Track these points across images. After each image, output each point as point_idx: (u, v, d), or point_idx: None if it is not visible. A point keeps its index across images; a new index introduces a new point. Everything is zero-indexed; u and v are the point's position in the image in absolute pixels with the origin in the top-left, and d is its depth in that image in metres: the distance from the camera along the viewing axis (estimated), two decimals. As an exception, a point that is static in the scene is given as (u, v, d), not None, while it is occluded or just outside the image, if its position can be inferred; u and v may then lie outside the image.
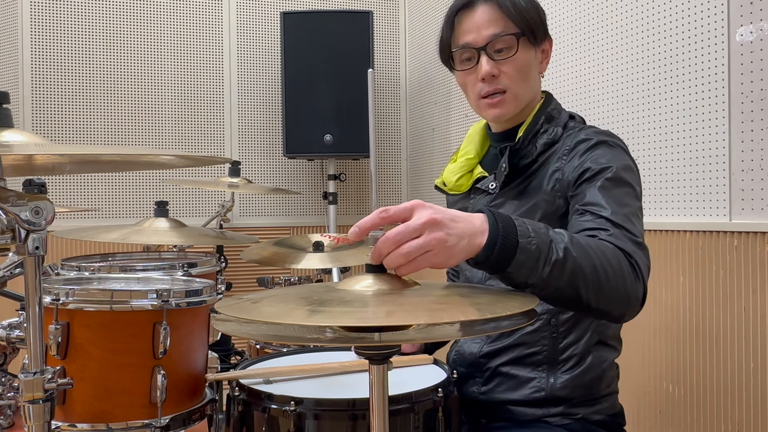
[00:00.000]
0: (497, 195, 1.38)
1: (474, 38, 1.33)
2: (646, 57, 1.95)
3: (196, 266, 2.03)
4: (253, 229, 3.34)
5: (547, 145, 1.33)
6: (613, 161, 1.23)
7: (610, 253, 1.04)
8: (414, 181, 3.69)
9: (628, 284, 1.05)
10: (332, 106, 3.23)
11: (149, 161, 1.39)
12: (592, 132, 1.30)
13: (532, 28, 1.33)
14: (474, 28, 1.33)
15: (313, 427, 1.16)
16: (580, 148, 1.27)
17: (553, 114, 1.37)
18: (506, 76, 1.33)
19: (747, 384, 1.65)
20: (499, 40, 1.31)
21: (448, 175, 1.50)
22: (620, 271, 1.04)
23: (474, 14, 1.34)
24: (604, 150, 1.25)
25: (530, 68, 1.35)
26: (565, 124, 1.36)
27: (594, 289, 1.01)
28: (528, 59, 1.34)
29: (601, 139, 1.27)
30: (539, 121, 1.35)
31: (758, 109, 1.62)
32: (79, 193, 3.21)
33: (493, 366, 1.35)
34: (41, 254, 0.95)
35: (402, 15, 3.72)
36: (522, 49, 1.32)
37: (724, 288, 1.71)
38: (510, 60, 1.32)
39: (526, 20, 1.32)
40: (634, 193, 1.23)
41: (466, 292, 1.12)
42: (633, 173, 1.26)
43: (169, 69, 3.35)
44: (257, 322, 0.88)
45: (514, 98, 1.34)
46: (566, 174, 1.27)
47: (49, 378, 0.97)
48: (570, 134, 1.34)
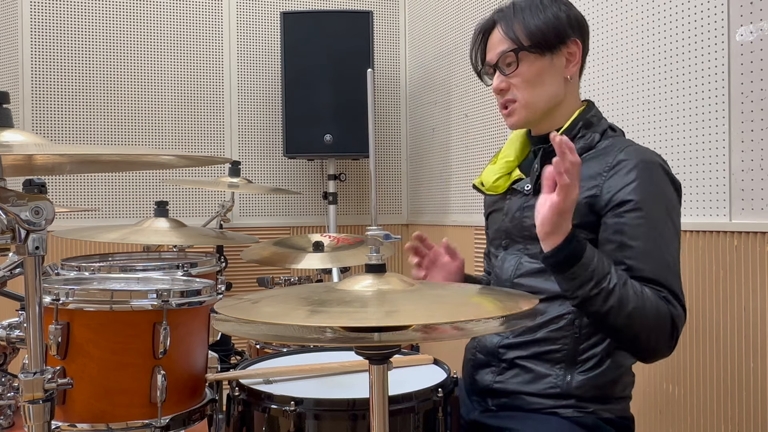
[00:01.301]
0: (531, 196, 1.40)
1: (490, 57, 1.44)
2: (646, 57, 1.95)
3: (196, 266, 2.03)
4: (253, 229, 3.34)
5: (583, 150, 1.36)
6: (655, 193, 1.28)
7: (657, 314, 1.21)
8: (414, 181, 3.69)
9: (661, 344, 1.24)
10: (332, 106, 3.23)
11: (149, 161, 1.39)
12: (635, 152, 1.32)
13: (537, 39, 1.38)
14: (491, 48, 1.45)
15: (313, 427, 1.16)
16: (622, 169, 1.30)
17: (591, 120, 1.41)
18: (515, 88, 1.41)
19: (747, 384, 1.65)
20: (505, 56, 1.40)
21: (487, 175, 1.54)
22: (656, 332, 1.22)
23: (493, 35, 1.45)
24: (646, 176, 1.28)
25: (540, 76, 1.40)
26: (603, 131, 1.40)
27: (625, 328, 1.21)
28: (535, 69, 1.39)
29: (645, 163, 1.30)
30: (576, 126, 1.39)
31: (758, 109, 1.62)
32: (79, 193, 3.21)
33: (511, 357, 1.37)
34: (41, 254, 0.95)
35: (402, 15, 3.72)
36: (525, 61, 1.39)
37: (724, 288, 1.71)
38: (515, 74, 1.40)
39: (529, 34, 1.38)
40: (674, 229, 1.30)
41: (465, 292, 1.12)
42: (674, 204, 1.31)
43: (169, 69, 3.35)
44: (257, 322, 0.88)
45: (524, 106, 1.41)
46: (603, 192, 1.30)
47: (49, 378, 0.97)
48: (609, 144, 1.37)
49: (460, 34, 3.09)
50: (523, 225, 1.40)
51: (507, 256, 1.45)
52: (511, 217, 1.45)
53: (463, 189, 3.09)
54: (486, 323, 0.96)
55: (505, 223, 1.47)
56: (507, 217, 1.47)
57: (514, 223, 1.44)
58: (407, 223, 3.73)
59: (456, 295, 1.06)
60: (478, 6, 2.92)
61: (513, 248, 1.44)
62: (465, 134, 3.04)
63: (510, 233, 1.45)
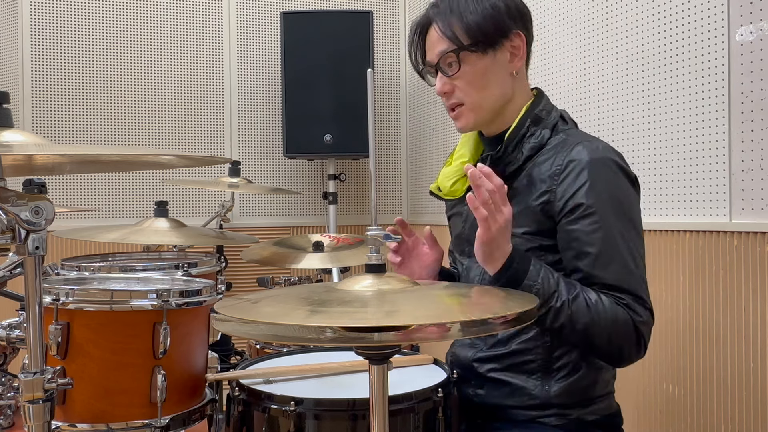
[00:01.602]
0: None
1: (430, 57, 1.36)
2: (646, 57, 1.95)
3: (196, 266, 2.03)
4: (253, 229, 3.34)
5: (533, 149, 1.31)
6: (611, 194, 1.23)
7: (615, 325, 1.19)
8: (414, 181, 3.69)
9: (626, 353, 1.22)
10: (332, 106, 3.23)
11: (149, 161, 1.39)
12: (585, 150, 1.26)
13: (477, 37, 1.30)
14: (430, 47, 1.36)
15: (313, 427, 1.16)
16: (573, 170, 1.25)
17: (540, 116, 1.34)
18: (459, 90, 1.33)
19: (747, 384, 1.65)
20: (445, 56, 1.32)
21: (443, 179, 1.47)
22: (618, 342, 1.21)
23: (430, 33, 1.36)
24: (599, 176, 1.24)
25: (486, 76, 1.32)
26: (554, 126, 1.33)
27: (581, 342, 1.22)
28: (479, 69, 1.32)
29: (595, 161, 1.24)
30: (525, 124, 1.32)
31: (758, 109, 1.62)
32: (79, 193, 3.21)
33: (485, 371, 1.34)
34: (41, 254, 0.95)
35: (402, 15, 3.72)
36: (466, 61, 1.31)
37: (724, 288, 1.71)
38: (458, 75, 1.32)
39: (468, 32, 1.30)
40: (633, 228, 1.25)
41: (466, 292, 1.12)
42: (630, 201, 1.27)
43: (169, 69, 3.34)
44: (257, 322, 0.88)
45: (471, 109, 1.34)
46: (557, 197, 1.25)
47: (49, 378, 0.97)
48: (559, 139, 1.31)
49: (460, 34, 3.08)
50: None
51: (471, 264, 1.40)
52: (471, 223, 1.39)
53: (463, 189, 3.09)
54: (489, 324, 0.96)
55: (465, 229, 1.43)
56: (467, 224, 1.43)
57: (473, 230, 1.35)
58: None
59: (456, 295, 1.06)
60: (478, 6, 2.92)
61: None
62: (465, 134, 3.04)
63: (471, 240, 1.36)
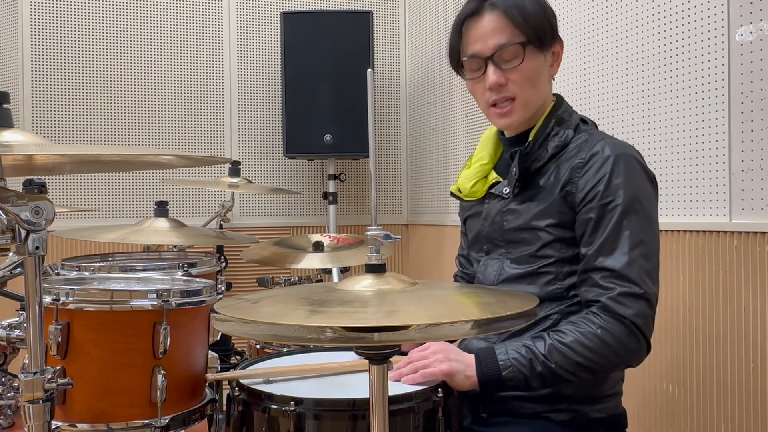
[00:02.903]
0: (511, 199, 1.39)
1: (481, 48, 1.33)
2: (646, 57, 1.95)
3: (196, 266, 2.03)
4: (253, 229, 3.34)
5: (558, 148, 1.34)
6: (629, 186, 1.26)
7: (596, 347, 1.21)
8: (414, 181, 3.69)
9: (623, 357, 1.23)
10: (332, 106, 3.23)
11: (149, 161, 1.39)
12: (607, 145, 1.30)
13: (540, 34, 1.33)
14: (481, 37, 1.33)
15: (313, 427, 1.16)
16: (595, 163, 1.28)
17: (563, 117, 1.37)
18: (514, 84, 1.33)
19: (747, 384, 1.65)
20: (506, 50, 1.32)
21: (463, 181, 1.50)
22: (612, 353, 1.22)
23: (481, 23, 1.34)
24: (619, 169, 1.26)
25: (539, 74, 1.35)
26: (576, 126, 1.37)
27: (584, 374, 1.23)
28: (536, 66, 1.34)
29: (617, 156, 1.27)
30: (549, 124, 1.36)
31: (758, 109, 1.62)
32: (79, 193, 3.21)
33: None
34: (41, 254, 0.95)
35: (402, 15, 3.72)
36: (529, 57, 1.32)
37: (724, 288, 1.71)
38: (517, 69, 1.32)
39: (533, 27, 1.32)
40: (649, 222, 1.27)
41: (466, 292, 1.12)
42: (647, 196, 1.29)
43: (169, 69, 3.35)
44: (257, 322, 0.88)
45: (523, 105, 1.35)
46: (579, 188, 1.28)
47: (49, 378, 0.97)
48: (582, 139, 1.34)
49: (460, 34, 3.08)
50: (504, 229, 1.39)
51: (489, 261, 1.43)
52: (491, 221, 1.43)
53: (463, 189, 3.09)
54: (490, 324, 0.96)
55: (485, 227, 1.45)
56: (486, 222, 1.45)
57: (494, 228, 1.42)
58: (407, 223, 3.73)
59: (456, 294, 1.06)
60: (478, 6, 2.92)
61: (495, 253, 1.42)
62: (465, 134, 3.04)
63: (491, 238, 1.43)
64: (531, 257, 1.34)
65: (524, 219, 1.35)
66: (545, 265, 1.32)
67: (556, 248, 1.31)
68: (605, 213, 1.25)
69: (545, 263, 1.32)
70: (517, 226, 1.36)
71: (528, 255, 1.34)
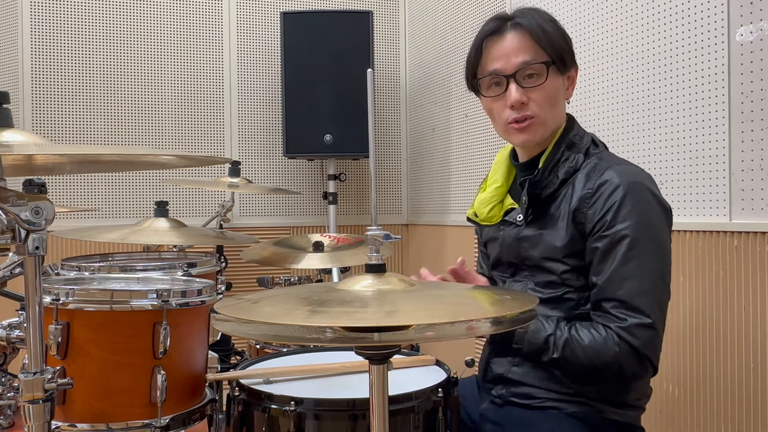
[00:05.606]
0: (524, 227, 1.40)
1: (503, 65, 1.34)
2: (646, 57, 1.95)
3: (196, 266, 2.03)
4: (253, 229, 3.34)
5: (568, 174, 1.34)
6: (637, 215, 1.25)
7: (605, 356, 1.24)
8: (414, 181, 3.69)
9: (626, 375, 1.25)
10: (332, 106, 3.23)
11: (149, 161, 1.39)
12: (615, 173, 1.29)
13: (562, 55, 1.35)
14: (503, 55, 1.34)
15: (313, 427, 1.16)
16: (604, 193, 1.28)
17: (574, 140, 1.38)
18: (535, 104, 1.34)
19: (747, 384, 1.65)
20: (529, 67, 1.32)
21: (479, 206, 1.51)
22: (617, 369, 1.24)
23: (503, 41, 1.35)
24: (628, 198, 1.26)
25: (558, 95, 1.37)
26: (586, 150, 1.37)
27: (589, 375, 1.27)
28: (556, 87, 1.36)
29: (627, 185, 1.27)
30: (560, 149, 1.36)
31: (758, 109, 1.62)
32: (79, 193, 3.21)
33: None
34: (41, 254, 0.95)
35: (402, 15, 3.72)
36: (551, 77, 1.34)
37: (724, 288, 1.71)
38: (539, 88, 1.33)
39: (556, 48, 1.34)
40: (658, 251, 1.27)
41: (466, 291, 1.12)
42: (658, 225, 1.28)
43: (169, 69, 3.34)
44: (257, 322, 0.88)
45: (542, 124, 1.36)
46: (588, 218, 1.29)
47: (49, 378, 0.97)
48: (591, 164, 1.34)
49: (460, 34, 3.09)
50: (522, 255, 1.40)
51: (514, 284, 1.44)
52: (507, 247, 1.44)
53: (463, 189, 3.09)
54: (485, 324, 0.96)
55: (503, 253, 1.46)
56: (503, 249, 1.46)
57: (513, 254, 1.43)
58: (407, 223, 3.73)
59: (456, 294, 1.06)
60: (478, 6, 2.92)
61: (519, 275, 1.43)
62: (465, 134, 3.04)
63: (512, 263, 1.44)
64: (552, 284, 1.35)
65: (540, 250, 1.35)
66: (567, 292, 1.34)
67: (574, 277, 1.32)
68: (614, 243, 1.26)
69: (567, 291, 1.34)
70: (535, 255, 1.37)
71: (549, 282, 1.35)
